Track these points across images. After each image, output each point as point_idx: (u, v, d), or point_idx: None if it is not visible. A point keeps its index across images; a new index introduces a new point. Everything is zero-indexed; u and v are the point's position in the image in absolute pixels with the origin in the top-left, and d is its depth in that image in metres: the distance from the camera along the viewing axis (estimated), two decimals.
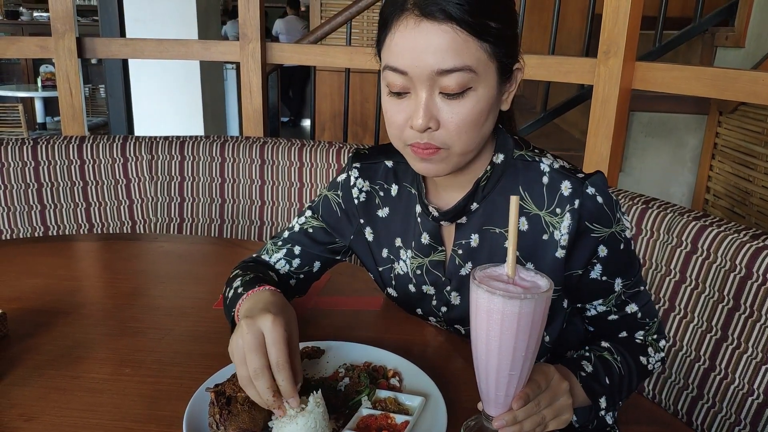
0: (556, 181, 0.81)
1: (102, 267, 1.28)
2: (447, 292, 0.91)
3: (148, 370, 0.82)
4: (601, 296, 0.87)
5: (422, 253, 0.92)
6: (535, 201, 0.83)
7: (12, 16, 7.81)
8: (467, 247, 0.87)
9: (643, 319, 0.89)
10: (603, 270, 0.84)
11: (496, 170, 0.84)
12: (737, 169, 2.95)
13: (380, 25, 0.78)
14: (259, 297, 0.79)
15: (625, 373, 0.84)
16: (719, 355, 1.18)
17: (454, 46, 0.71)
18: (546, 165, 0.83)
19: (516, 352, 0.62)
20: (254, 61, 1.99)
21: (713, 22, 2.98)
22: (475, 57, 0.73)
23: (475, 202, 0.85)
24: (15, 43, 2.04)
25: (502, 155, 0.85)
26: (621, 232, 0.83)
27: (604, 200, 0.80)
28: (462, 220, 0.87)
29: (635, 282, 0.87)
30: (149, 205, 1.84)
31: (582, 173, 0.82)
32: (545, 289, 0.62)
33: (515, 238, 0.64)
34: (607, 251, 0.82)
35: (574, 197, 0.79)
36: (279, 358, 0.66)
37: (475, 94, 0.74)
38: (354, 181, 0.97)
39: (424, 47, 0.72)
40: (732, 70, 1.44)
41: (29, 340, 0.90)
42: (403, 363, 0.81)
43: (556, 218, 0.81)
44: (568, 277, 0.84)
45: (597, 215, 0.80)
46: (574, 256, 0.82)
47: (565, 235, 0.80)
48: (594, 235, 0.81)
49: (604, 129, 1.61)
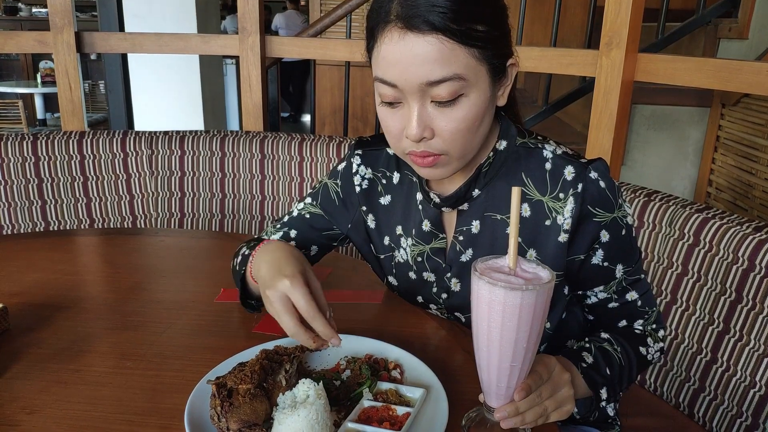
0: (559, 167, 0.81)
1: (103, 261, 1.28)
2: (447, 278, 0.92)
3: (150, 363, 0.82)
4: (601, 282, 0.87)
5: (423, 240, 0.92)
6: (537, 187, 0.83)
7: (11, 12, 7.79)
8: (468, 233, 0.88)
9: (642, 308, 0.89)
10: (604, 255, 0.84)
11: (499, 156, 0.84)
12: (740, 161, 2.94)
13: (367, 33, 0.77)
14: (269, 253, 0.81)
15: (625, 364, 0.84)
16: (721, 347, 1.18)
17: (440, 56, 0.70)
18: (549, 151, 0.83)
19: (517, 343, 0.62)
20: (254, 54, 1.98)
21: (716, 13, 2.96)
22: (463, 64, 0.71)
23: (477, 188, 0.85)
24: (13, 38, 2.03)
25: (505, 142, 0.85)
26: (623, 218, 0.83)
27: (607, 185, 0.80)
28: (463, 207, 0.87)
29: (636, 269, 0.87)
30: (149, 200, 1.84)
31: (584, 159, 0.83)
32: (547, 280, 0.62)
33: (517, 229, 0.63)
34: (608, 236, 0.82)
35: (577, 181, 0.80)
36: (308, 311, 0.72)
37: (468, 100, 0.74)
38: (356, 168, 0.97)
39: (411, 60, 0.71)
40: (735, 61, 1.43)
41: (31, 334, 0.90)
42: (404, 355, 0.81)
43: (559, 203, 0.81)
44: (570, 262, 0.84)
45: (599, 199, 0.80)
46: (576, 241, 0.82)
47: (568, 219, 0.80)
48: (596, 220, 0.81)
49: (606, 121, 1.60)
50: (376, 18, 0.74)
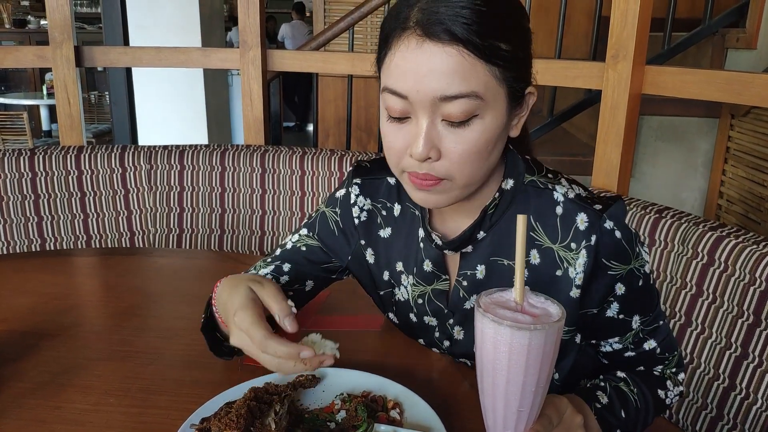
0: (571, 213, 0.75)
1: (94, 284, 1.24)
2: (450, 325, 0.86)
3: (134, 399, 0.78)
4: (617, 334, 0.81)
5: (424, 280, 0.86)
6: (547, 233, 0.76)
7: (19, 24, 7.83)
8: (473, 278, 0.81)
9: (662, 354, 0.83)
10: (620, 308, 0.78)
11: (505, 197, 0.78)
12: (751, 173, 2.88)
13: (380, 40, 0.71)
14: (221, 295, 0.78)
15: (641, 407, 0.78)
16: (739, 373, 1.12)
17: (459, 70, 0.65)
18: (560, 194, 0.76)
19: (525, 387, 0.57)
20: (255, 68, 1.95)
21: (723, 23, 2.91)
22: (482, 82, 0.66)
23: (482, 230, 0.79)
24: (12, 53, 2.01)
25: (511, 181, 0.78)
26: (640, 268, 0.77)
27: (623, 235, 0.74)
28: (467, 249, 0.81)
29: (654, 317, 0.81)
30: (148, 216, 1.80)
31: (599, 202, 0.76)
32: (557, 318, 0.57)
33: (523, 261, 0.59)
34: (624, 289, 0.76)
35: (590, 232, 0.73)
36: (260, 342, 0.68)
37: (482, 123, 0.68)
38: (354, 198, 0.91)
39: (427, 71, 0.65)
40: (746, 74, 1.38)
41: (12, 365, 0.85)
42: (404, 392, 0.76)
43: (571, 254, 0.75)
44: (582, 316, 0.78)
45: (615, 251, 0.74)
46: (589, 294, 0.76)
47: (580, 274, 0.74)
48: (611, 273, 0.75)
49: (614, 136, 1.56)
50: (393, 24, 0.69)
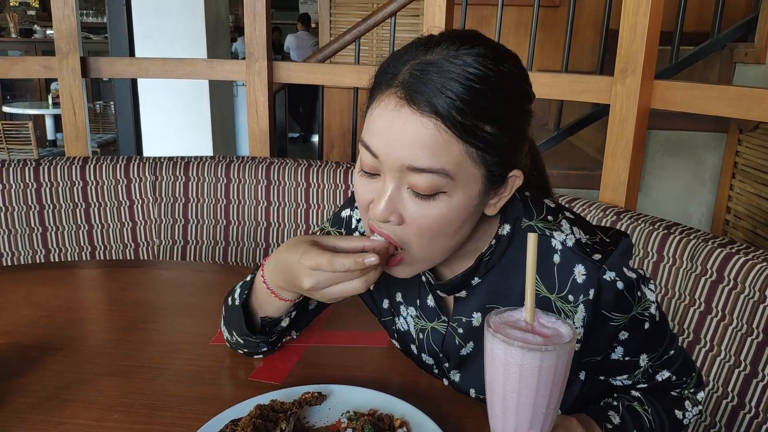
0: (569, 264, 0.71)
1: (98, 297, 1.23)
2: (446, 368, 0.84)
3: (138, 415, 0.77)
4: (626, 372, 0.79)
5: (427, 317, 0.83)
6: (544, 282, 0.73)
7: (26, 34, 7.89)
8: (468, 325, 0.79)
9: (678, 380, 0.81)
10: (625, 351, 0.76)
11: (502, 243, 0.74)
12: (759, 189, 2.85)
13: (371, 86, 0.69)
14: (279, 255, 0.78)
15: (656, 427, 0.77)
16: (748, 391, 1.11)
17: (431, 144, 0.62)
18: (558, 241, 0.72)
19: (536, 408, 0.56)
20: (260, 80, 1.96)
21: (732, 37, 2.90)
22: (455, 161, 0.63)
23: (477, 277, 0.76)
24: (18, 63, 2.02)
25: (508, 226, 0.75)
26: (644, 312, 0.73)
27: (625, 285, 0.70)
28: (461, 294, 0.78)
29: (664, 350, 0.78)
30: (153, 227, 1.80)
31: (600, 250, 0.71)
32: (568, 338, 0.56)
33: (533, 280, 0.58)
34: (628, 334, 0.74)
35: (588, 286, 0.70)
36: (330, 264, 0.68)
37: (447, 201, 0.64)
38: (356, 223, 0.90)
39: (399, 136, 0.63)
40: (758, 89, 1.37)
41: (15, 380, 0.84)
42: (411, 411, 0.75)
43: (569, 306, 0.71)
44: (585, 363, 0.76)
45: (616, 303, 0.71)
46: (590, 344, 0.74)
47: (579, 329, 0.72)
48: (613, 324, 0.72)
49: (622, 150, 1.55)
50: (381, 78, 0.66)
